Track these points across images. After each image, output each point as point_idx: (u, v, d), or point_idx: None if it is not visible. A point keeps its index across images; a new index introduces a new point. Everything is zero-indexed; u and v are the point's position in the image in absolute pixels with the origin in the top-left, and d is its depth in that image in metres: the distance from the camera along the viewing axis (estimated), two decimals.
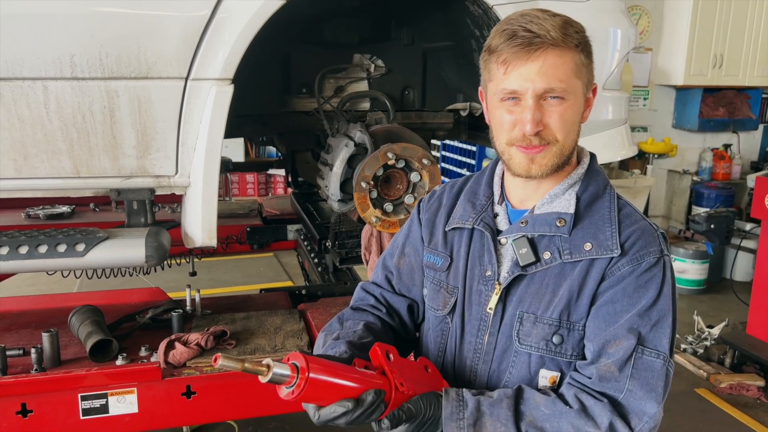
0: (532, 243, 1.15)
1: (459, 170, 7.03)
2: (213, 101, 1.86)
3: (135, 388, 1.88)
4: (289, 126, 2.56)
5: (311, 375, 0.97)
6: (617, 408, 1.06)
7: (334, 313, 2.32)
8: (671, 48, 6.21)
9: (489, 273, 1.19)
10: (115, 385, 1.87)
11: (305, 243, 3.36)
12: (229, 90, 1.87)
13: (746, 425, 3.53)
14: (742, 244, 5.17)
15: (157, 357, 1.95)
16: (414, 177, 2.13)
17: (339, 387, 1.01)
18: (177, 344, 1.97)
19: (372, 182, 2.06)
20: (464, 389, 1.12)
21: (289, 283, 5.84)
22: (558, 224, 1.14)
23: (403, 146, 2.06)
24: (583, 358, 1.14)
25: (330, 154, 2.19)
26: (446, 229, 1.28)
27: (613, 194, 1.19)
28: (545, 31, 1.06)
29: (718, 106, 6.48)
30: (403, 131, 2.23)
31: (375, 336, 1.26)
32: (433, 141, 6.06)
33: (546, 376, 1.15)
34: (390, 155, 2.04)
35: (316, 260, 3.05)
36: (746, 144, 6.90)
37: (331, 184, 2.12)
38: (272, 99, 2.48)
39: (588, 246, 1.12)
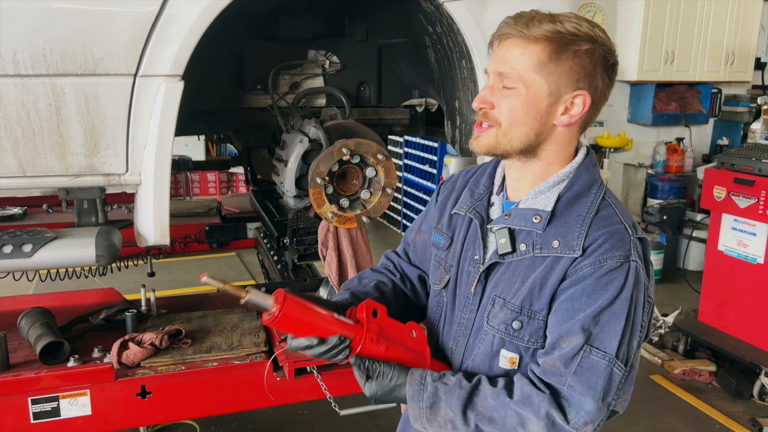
0: (513, 234, 1.23)
1: (421, 166, 7.08)
2: (163, 98, 1.84)
3: (88, 390, 1.85)
4: (245, 122, 2.54)
5: (286, 309, 1.12)
6: (559, 399, 1.13)
7: None
8: (625, 44, 6.36)
9: (477, 257, 1.29)
10: (67, 387, 1.84)
11: (265, 241, 3.35)
12: (179, 86, 1.85)
13: (698, 409, 3.66)
14: (693, 235, 5.34)
15: (110, 358, 1.92)
16: (369, 172, 2.14)
17: (310, 323, 1.15)
18: (131, 344, 1.94)
19: (327, 178, 2.07)
20: (428, 372, 1.22)
21: (251, 282, 5.79)
22: (534, 220, 1.20)
23: (357, 142, 2.07)
24: (543, 347, 1.20)
25: (284, 150, 2.18)
26: (451, 213, 1.39)
27: (598, 195, 1.21)
28: (520, 23, 1.15)
29: (670, 100, 6.66)
30: (358, 127, 2.24)
31: (381, 294, 1.42)
32: (396, 138, 6.06)
33: (506, 356, 1.22)
34: (344, 150, 2.05)
35: (275, 258, 3.05)
36: (698, 137, 7.12)
37: (286, 180, 2.12)
38: (226, 95, 2.46)
39: (556, 243, 1.18)
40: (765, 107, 5.93)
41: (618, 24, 6.39)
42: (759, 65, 6.72)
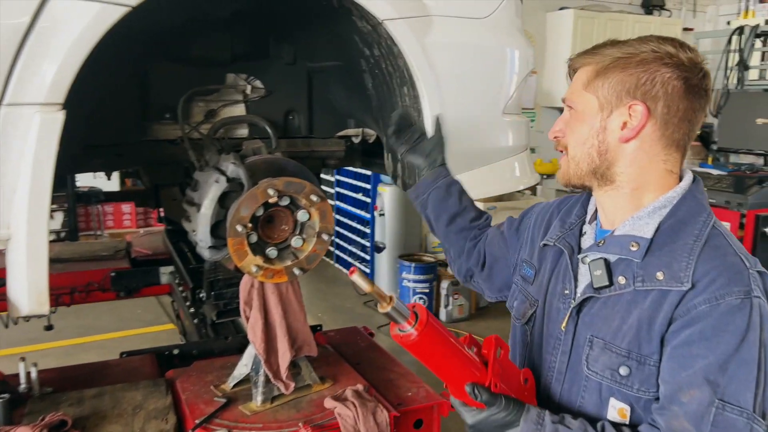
0: (609, 265, 1.13)
1: (354, 195, 6.79)
2: (37, 132, 1.46)
3: None
4: (151, 157, 2.17)
5: (424, 336, 1.02)
6: None
7: (210, 381, 1.97)
8: (554, 70, 6.38)
9: (567, 291, 1.21)
10: None
11: (180, 289, 2.94)
12: (58, 117, 1.47)
13: None
14: None
15: None
16: (301, 216, 1.82)
17: (442, 357, 1.06)
18: None
19: (250, 225, 1.73)
20: (546, 412, 1.11)
21: (170, 327, 5.27)
22: (631, 248, 1.11)
23: (286, 181, 1.75)
24: (656, 397, 1.07)
25: (197, 192, 1.83)
26: (540, 244, 1.33)
27: (707, 223, 1.11)
28: (580, 54, 1.20)
29: None
30: (287, 163, 1.92)
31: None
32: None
33: (615, 407, 1.11)
34: (271, 192, 1.72)
35: (192, 310, 2.65)
36: None
37: (200, 228, 1.76)
38: (128, 126, 2.08)
39: (660, 275, 1.07)
40: None
41: (547, 50, 6.41)
42: None
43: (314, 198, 1.79)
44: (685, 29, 6.92)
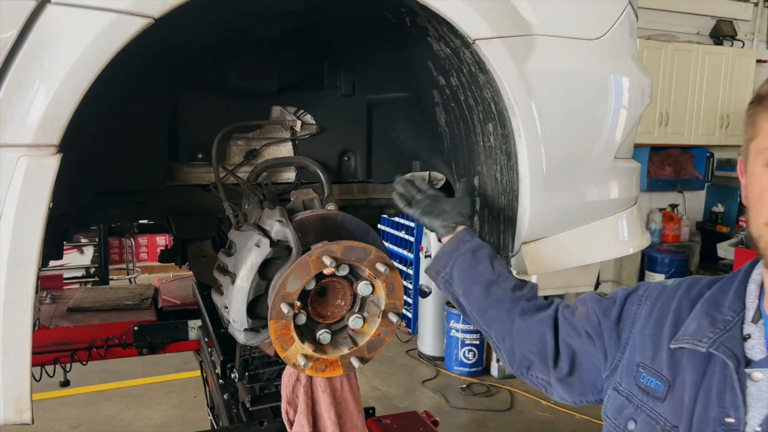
0: None
1: (396, 232, 6.38)
2: (21, 181, 1.09)
3: None
4: (179, 205, 1.79)
5: None
6: None
7: None
8: None
9: (730, 420, 0.94)
10: None
11: (209, 350, 2.54)
12: (50, 163, 1.10)
13: None
14: None
15: None
16: (363, 289, 1.41)
17: None
18: None
19: (299, 303, 1.32)
20: None
21: (197, 374, 4.89)
22: None
23: (346, 246, 1.34)
24: None
25: (232, 258, 1.43)
26: (672, 346, 1.04)
27: None
28: None
29: (664, 165, 6.21)
30: (346, 219, 1.51)
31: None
32: None
33: None
34: (327, 260, 1.31)
35: (221, 381, 2.25)
36: (691, 203, 6.67)
37: (234, 304, 1.36)
38: (152, 168, 1.71)
39: None
40: None
41: None
42: None
43: (381, 268, 1.38)
44: (759, 61, 6.41)
